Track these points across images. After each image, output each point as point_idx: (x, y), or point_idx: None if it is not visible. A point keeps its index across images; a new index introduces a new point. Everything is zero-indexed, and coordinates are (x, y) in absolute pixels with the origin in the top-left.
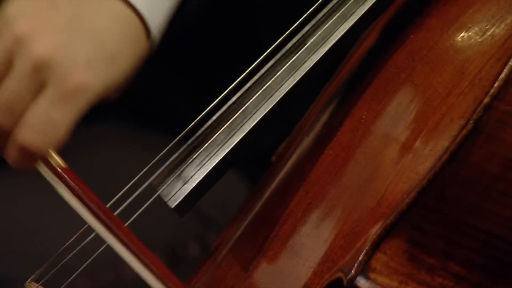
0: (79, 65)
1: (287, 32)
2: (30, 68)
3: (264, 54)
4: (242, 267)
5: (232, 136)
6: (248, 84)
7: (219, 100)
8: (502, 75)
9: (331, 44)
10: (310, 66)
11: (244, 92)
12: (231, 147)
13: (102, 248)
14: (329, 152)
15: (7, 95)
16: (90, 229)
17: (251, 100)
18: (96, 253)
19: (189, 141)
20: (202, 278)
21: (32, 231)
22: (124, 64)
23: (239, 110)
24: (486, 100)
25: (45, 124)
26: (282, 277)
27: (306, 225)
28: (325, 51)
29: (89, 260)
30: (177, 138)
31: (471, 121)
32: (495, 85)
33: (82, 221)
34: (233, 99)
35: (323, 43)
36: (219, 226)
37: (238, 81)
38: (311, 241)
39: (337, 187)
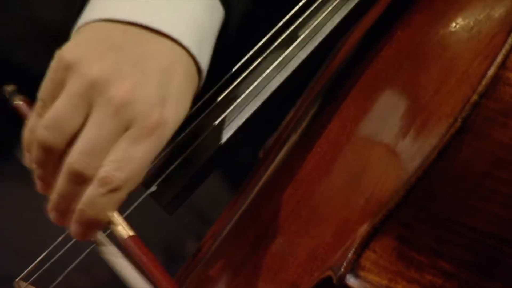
0: (156, 104)
1: (274, 29)
2: (113, 112)
3: (251, 51)
4: (231, 266)
5: (219, 134)
6: (235, 82)
7: (205, 98)
8: (490, 72)
9: (319, 41)
10: (298, 63)
11: (232, 90)
12: (218, 145)
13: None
14: (317, 150)
15: (92, 141)
16: None
17: (238, 99)
18: (86, 252)
19: (177, 140)
20: (190, 276)
21: (26, 228)
22: (188, 99)
23: (226, 109)
24: (474, 97)
25: (128, 160)
26: (272, 275)
27: (295, 223)
28: (313, 48)
29: (79, 258)
30: None
31: (459, 119)
32: (483, 82)
33: None
34: (221, 97)
35: (311, 40)
36: None
37: (225, 79)
38: (301, 239)
39: (326, 185)
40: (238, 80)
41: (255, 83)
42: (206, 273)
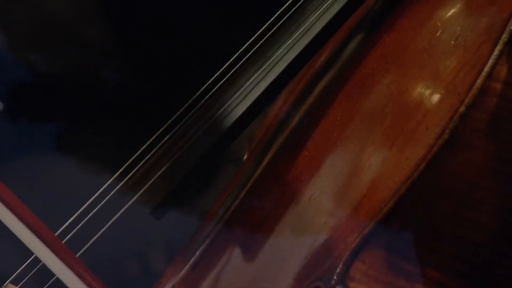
0: None
1: (262, 28)
2: None
3: (240, 50)
4: (220, 270)
5: (208, 137)
6: (224, 81)
7: (191, 100)
8: (477, 84)
9: (309, 40)
10: (287, 63)
11: (218, 93)
12: (207, 149)
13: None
14: (304, 154)
15: None
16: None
17: (225, 104)
18: (78, 254)
19: (163, 143)
20: (176, 278)
21: None
22: None
23: (215, 112)
24: (462, 109)
25: None
26: (261, 281)
27: (284, 228)
28: (301, 48)
29: None
30: (148, 142)
31: (447, 130)
32: (470, 94)
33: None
34: (206, 100)
35: (299, 40)
36: None
37: (211, 80)
38: (290, 245)
39: (314, 191)
40: (224, 81)
41: (243, 87)
42: (195, 277)
